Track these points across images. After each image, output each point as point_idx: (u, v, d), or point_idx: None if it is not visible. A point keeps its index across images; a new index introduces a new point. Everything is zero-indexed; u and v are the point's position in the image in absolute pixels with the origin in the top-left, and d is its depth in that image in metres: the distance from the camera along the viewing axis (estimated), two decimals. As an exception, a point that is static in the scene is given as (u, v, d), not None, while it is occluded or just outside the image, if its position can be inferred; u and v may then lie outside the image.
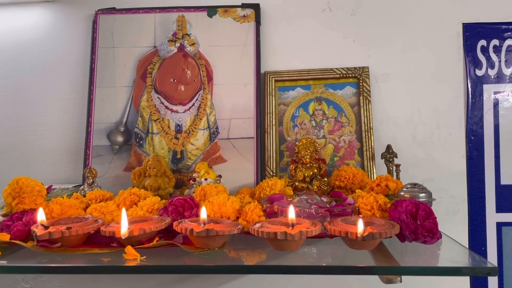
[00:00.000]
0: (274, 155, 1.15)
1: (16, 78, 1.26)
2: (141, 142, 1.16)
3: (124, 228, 0.71)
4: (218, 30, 1.19)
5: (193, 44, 1.19)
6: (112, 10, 1.22)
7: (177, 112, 1.17)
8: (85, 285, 1.23)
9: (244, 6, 1.20)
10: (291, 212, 0.70)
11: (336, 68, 1.18)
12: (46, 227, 0.74)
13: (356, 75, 1.16)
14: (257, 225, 0.73)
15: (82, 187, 1.05)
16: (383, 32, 1.20)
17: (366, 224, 0.71)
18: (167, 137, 1.16)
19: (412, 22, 1.20)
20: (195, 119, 1.17)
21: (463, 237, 1.16)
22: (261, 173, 1.14)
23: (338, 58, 1.20)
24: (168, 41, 1.20)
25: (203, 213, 0.72)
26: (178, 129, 1.16)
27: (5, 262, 0.69)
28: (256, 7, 1.20)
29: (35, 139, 1.25)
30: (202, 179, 1.02)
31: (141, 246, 0.73)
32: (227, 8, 1.20)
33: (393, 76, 1.19)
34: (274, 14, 1.22)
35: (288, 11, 1.22)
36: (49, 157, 1.24)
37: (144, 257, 0.70)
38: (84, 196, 0.99)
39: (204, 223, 0.71)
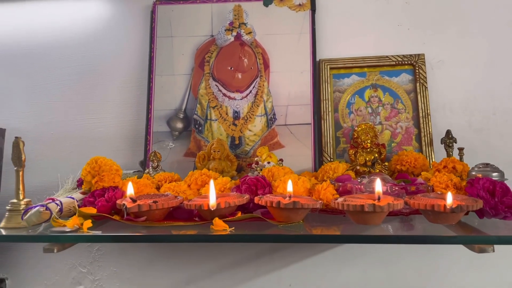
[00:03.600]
0: (331, 141, 1.16)
1: (78, 68, 1.30)
2: (200, 128, 1.19)
3: (213, 200, 0.73)
4: (274, 19, 1.22)
5: (250, 32, 1.22)
6: (169, 1, 1.26)
7: (234, 99, 1.19)
8: (141, 269, 1.26)
9: (299, -5, 1.22)
10: (378, 185, 0.71)
11: (392, 56, 1.19)
12: (134, 201, 0.76)
13: (412, 62, 1.18)
14: (340, 199, 0.75)
15: (147, 170, 1.08)
16: (438, 19, 1.21)
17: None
18: (225, 123, 1.18)
19: (466, 9, 1.20)
20: (252, 106, 1.19)
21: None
22: (319, 159, 1.15)
23: (392, 45, 1.21)
24: (225, 30, 1.22)
25: (290, 187, 0.74)
26: (236, 115, 1.19)
27: (100, 231, 0.71)
28: (311, -4, 1.22)
29: (95, 126, 1.28)
30: (265, 163, 1.04)
31: (227, 219, 0.75)
32: (282, -3, 1.23)
33: (448, 63, 1.20)
34: (329, 2, 1.24)
35: (343, -1, 1.24)
36: (108, 144, 1.28)
37: (233, 228, 0.72)
38: (153, 178, 1.02)
39: (290, 196, 0.73)
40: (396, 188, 0.82)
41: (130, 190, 0.77)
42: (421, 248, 1.15)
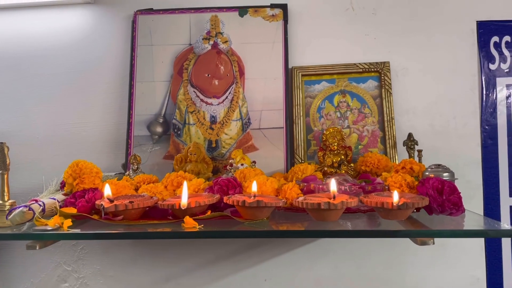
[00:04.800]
0: (302, 144, 1.23)
1: (61, 75, 1.36)
2: (178, 132, 1.25)
3: (184, 199, 0.80)
4: (249, 28, 1.29)
5: (226, 41, 1.29)
6: (150, 11, 1.32)
7: (211, 104, 1.26)
8: (124, 267, 1.32)
9: (272, 6, 1.29)
10: (333, 185, 0.78)
11: (359, 63, 1.26)
12: (111, 201, 0.83)
13: (378, 69, 1.25)
14: (300, 198, 0.82)
15: (128, 172, 1.14)
16: (403, 30, 1.29)
17: (400, 196, 0.79)
18: (202, 127, 1.25)
19: (429, 20, 1.28)
20: (228, 111, 1.26)
21: (479, 220, 1.24)
22: (291, 161, 1.22)
23: (360, 54, 1.29)
24: (203, 39, 1.29)
25: (254, 187, 0.81)
26: (213, 120, 1.25)
27: (79, 230, 0.77)
28: (284, 7, 1.29)
29: (79, 130, 1.34)
30: (239, 165, 1.11)
31: (197, 217, 0.82)
32: (257, 8, 1.30)
33: (412, 70, 1.28)
34: (300, 13, 1.31)
35: (313, 10, 1.31)
36: (92, 147, 1.33)
37: (202, 225, 0.79)
38: (132, 180, 1.08)
39: (254, 196, 0.80)
40: (355, 188, 0.89)
41: (107, 191, 0.83)
42: (388, 243, 1.23)
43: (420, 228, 0.76)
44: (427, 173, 0.95)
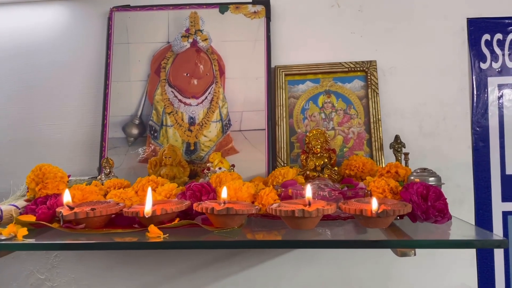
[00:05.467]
0: (285, 146, 1.18)
1: (32, 74, 1.30)
2: (155, 134, 1.20)
3: (148, 207, 0.74)
4: (230, 26, 1.23)
5: (206, 39, 1.23)
6: (126, 7, 1.26)
7: (190, 105, 1.21)
8: (99, 276, 1.26)
9: (254, 2, 1.24)
10: (308, 191, 0.73)
11: (345, 62, 1.21)
12: (71, 208, 0.77)
13: (364, 68, 1.20)
14: (274, 205, 0.76)
15: (99, 176, 1.08)
16: (390, 27, 1.24)
17: (380, 203, 0.74)
18: (180, 129, 1.19)
19: (418, 18, 1.23)
20: (207, 112, 1.20)
21: (470, 226, 1.18)
22: (273, 164, 1.17)
23: (346, 52, 1.23)
24: (182, 36, 1.24)
25: (224, 193, 0.75)
26: (192, 121, 1.20)
27: (33, 239, 0.71)
28: (266, 4, 1.23)
29: (51, 133, 1.28)
30: (216, 168, 1.05)
31: (163, 225, 0.76)
32: (238, 4, 1.24)
33: (400, 70, 1.22)
34: (283, 10, 1.26)
35: (297, 7, 1.26)
36: (64, 150, 1.27)
37: (167, 235, 0.73)
38: (102, 184, 1.02)
39: (224, 203, 0.74)
40: (335, 193, 0.84)
41: (67, 197, 0.77)
42: (374, 250, 1.17)
43: (402, 237, 0.70)
44: (412, 178, 0.90)
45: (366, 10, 1.24)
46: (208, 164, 1.08)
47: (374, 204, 0.70)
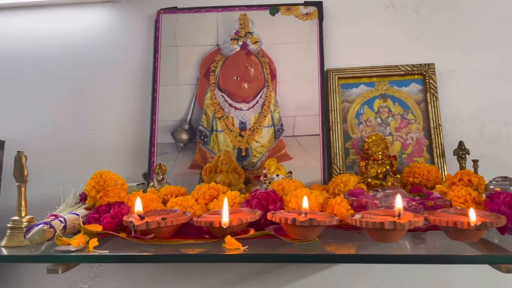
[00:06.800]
0: (340, 153, 1.13)
1: (77, 78, 1.27)
2: (205, 139, 1.16)
3: (225, 217, 0.70)
4: (281, 28, 1.19)
5: (256, 42, 1.19)
6: (174, 10, 1.23)
7: (241, 109, 1.17)
8: (143, 285, 1.22)
9: (306, 4, 1.20)
10: (399, 202, 0.68)
11: (401, 65, 1.17)
12: (142, 217, 0.73)
13: (422, 71, 1.15)
14: (357, 216, 0.72)
15: (152, 183, 1.05)
16: (447, 28, 1.19)
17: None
18: (231, 134, 1.16)
19: (477, 19, 1.19)
20: (259, 117, 1.16)
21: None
22: (328, 171, 1.12)
23: (402, 55, 1.19)
24: (231, 39, 1.20)
25: (305, 203, 0.71)
26: (242, 126, 1.16)
27: (107, 251, 0.68)
28: (318, 5, 1.20)
29: (97, 137, 1.25)
30: (274, 175, 1.01)
31: (239, 237, 0.72)
32: (289, 6, 1.20)
33: (458, 73, 1.18)
34: (336, 11, 1.22)
35: (350, 8, 1.22)
36: (110, 156, 1.24)
37: (246, 246, 0.68)
38: (158, 191, 0.99)
39: (306, 213, 0.70)
40: (414, 203, 0.79)
41: (138, 206, 0.74)
42: (453, 267, 1.11)
43: (499, 251, 0.65)
44: (491, 187, 0.85)
45: (422, 11, 1.20)
46: (264, 171, 1.03)
47: (473, 216, 0.65)
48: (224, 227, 0.70)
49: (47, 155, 1.27)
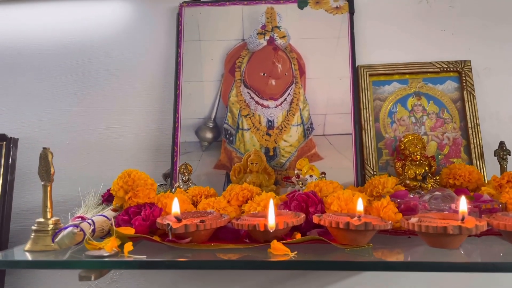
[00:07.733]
0: (373, 153, 1.08)
1: (95, 74, 1.22)
2: (231, 138, 1.10)
3: (272, 220, 0.64)
4: (310, 22, 1.14)
5: (284, 36, 1.14)
6: (197, 3, 1.18)
7: (268, 107, 1.11)
8: (163, 290, 1.16)
9: (336, -3, 1.15)
10: (463, 204, 0.63)
11: (436, 62, 1.11)
12: (179, 220, 0.67)
13: (458, 69, 1.10)
14: (413, 219, 0.66)
15: (177, 183, 0.99)
16: (483, 24, 1.14)
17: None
18: (258, 133, 1.10)
19: (513, 14, 1.14)
20: (287, 115, 1.11)
21: None
22: (361, 172, 1.07)
23: (436, 51, 1.14)
24: (257, 34, 1.15)
25: (360, 206, 0.66)
26: (270, 125, 1.10)
27: (145, 256, 0.62)
28: (349, -2, 1.15)
29: (115, 136, 1.19)
30: (307, 176, 0.96)
31: (286, 241, 0.66)
32: (318, -1, 1.15)
33: (495, 70, 1.13)
34: (367, 5, 1.17)
35: (382, 2, 1.17)
36: (128, 155, 1.18)
37: (296, 252, 0.63)
38: (186, 192, 0.93)
39: (360, 217, 0.64)
40: (469, 207, 0.73)
41: (175, 207, 0.68)
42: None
43: None
44: (544, 189, 0.80)
45: (457, 5, 1.15)
46: (296, 172, 0.98)
47: (545, 220, 0.60)
48: (271, 231, 0.64)
49: (62, 154, 1.21)
